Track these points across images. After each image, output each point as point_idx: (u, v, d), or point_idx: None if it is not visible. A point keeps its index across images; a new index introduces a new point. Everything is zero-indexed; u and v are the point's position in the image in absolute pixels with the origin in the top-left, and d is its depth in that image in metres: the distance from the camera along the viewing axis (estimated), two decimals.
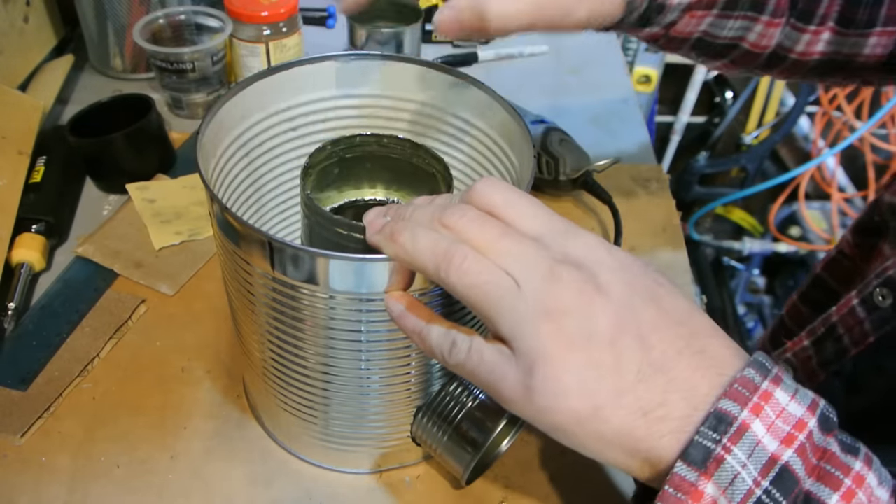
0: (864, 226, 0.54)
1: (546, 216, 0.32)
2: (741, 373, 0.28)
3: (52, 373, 0.54)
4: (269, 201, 0.53)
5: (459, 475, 0.46)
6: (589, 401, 0.28)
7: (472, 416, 0.45)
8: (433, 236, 0.31)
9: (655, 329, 0.29)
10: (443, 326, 0.33)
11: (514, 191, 0.32)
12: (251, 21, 0.77)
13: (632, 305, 0.29)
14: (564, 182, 0.69)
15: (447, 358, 0.32)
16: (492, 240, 0.30)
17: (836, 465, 0.28)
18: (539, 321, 0.29)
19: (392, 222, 0.34)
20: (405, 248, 0.32)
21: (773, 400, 0.28)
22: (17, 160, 0.66)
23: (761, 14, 0.45)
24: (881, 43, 0.47)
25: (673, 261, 0.67)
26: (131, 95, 0.74)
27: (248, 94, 0.46)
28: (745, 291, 1.67)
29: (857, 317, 0.45)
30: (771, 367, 0.29)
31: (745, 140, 1.58)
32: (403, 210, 0.34)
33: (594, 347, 0.28)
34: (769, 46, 0.47)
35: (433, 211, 0.32)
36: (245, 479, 0.50)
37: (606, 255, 0.30)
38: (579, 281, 0.29)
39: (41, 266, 0.63)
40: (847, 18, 0.46)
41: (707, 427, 0.28)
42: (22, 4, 0.80)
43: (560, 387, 0.28)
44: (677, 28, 0.45)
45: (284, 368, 0.45)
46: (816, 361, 0.48)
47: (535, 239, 0.31)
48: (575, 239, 0.31)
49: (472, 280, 0.30)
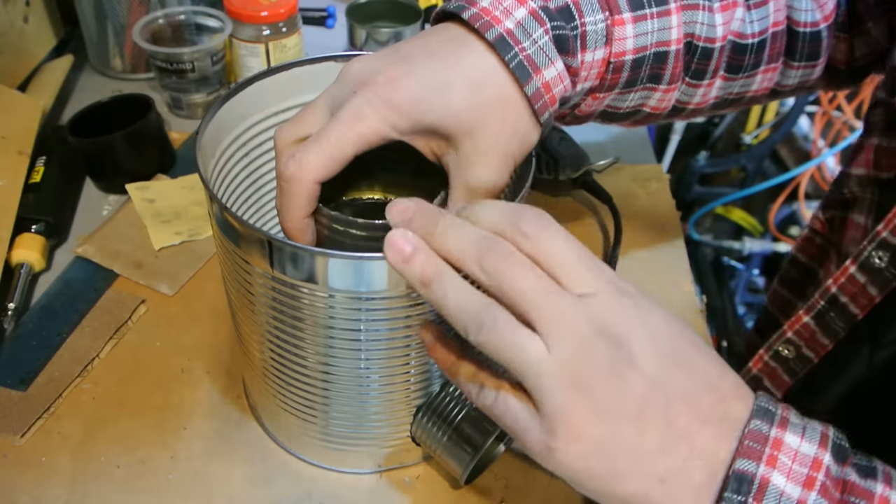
0: (834, 200, 0.55)
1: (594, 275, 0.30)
2: (748, 426, 0.29)
3: (52, 373, 0.54)
4: (268, 201, 0.53)
5: (458, 475, 0.46)
6: (608, 465, 0.29)
7: (471, 417, 0.45)
8: (466, 295, 0.30)
9: (684, 398, 0.30)
10: (471, 368, 0.33)
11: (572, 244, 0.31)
12: (251, 21, 0.77)
13: (662, 377, 0.29)
14: (564, 182, 0.69)
15: (475, 399, 0.33)
16: (532, 300, 0.29)
17: (860, 494, 0.28)
18: (567, 389, 0.29)
19: (422, 255, 0.31)
20: (434, 297, 0.31)
21: (784, 446, 0.29)
22: (17, 160, 0.66)
23: (658, 84, 0.47)
24: (767, 77, 0.51)
25: (673, 261, 0.67)
26: (131, 95, 0.74)
27: (247, 94, 0.46)
28: (745, 291, 1.66)
29: (858, 282, 0.45)
30: (775, 409, 0.30)
31: (745, 140, 1.58)
32: (431, 221, 0.32)
33: (619, 421, 0.29)
34: (668, 106, 0.49)
35: (471, 241, 0.30)
36: (245, 479, 0.50)
37: (645, 319, 0.30)
38: (613, 355, 0.29)
39: (41, 266, 0.63)
40: (735, 66, 0.49)
41: (730, 491, 0.28)
42: (22, 4, 0.80)
43: (580, 452, 0.29)
44: (581, 109, 0.47)
45: (284, 368, 0.45)
46: (823, 333, 0.49)
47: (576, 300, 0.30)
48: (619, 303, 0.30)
49: (500, 344, 0.29)
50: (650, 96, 0.48)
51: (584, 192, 0.70)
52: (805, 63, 0.51)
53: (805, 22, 0.49)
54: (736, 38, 0.48)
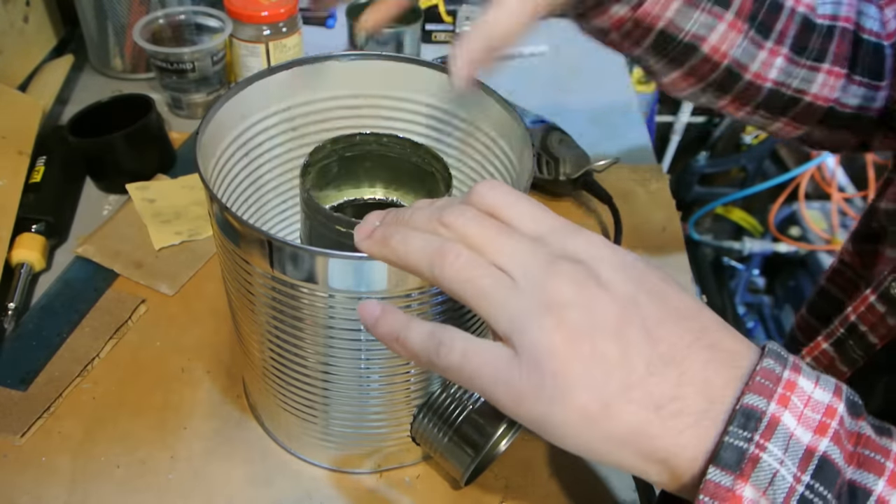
0: (863, 233, 0.54)
1: (546, 217, 0.31)
2: (761, 364, 0.27)
3: (52, 373, 0.54)
4: (268, 201, 0.53)
5: (459, 476, 0.46)
6: (598, 396, 0.27)
7: (472, 418, 0.45)
8: (426, 237, 0.31)
9: (662, 323, 0.28)
10: (423, 326, 0.31)
11: (514, 193, 0.32)
12: (251, 21, 0.77)
13: (636, 300, 0.28)
14: (564, 182, 0.69)
15: (435, 359, 0.30)
16: (490, 238, 0.30)
17: (875, 449, 0.27)
18: (540, 314, 0.27)
19: (383, 227, 0.33)
20: (396, 252, 0.31)
21: (798, 389, 0.27)
22: (17, 160, 0.66)
23: (726, 11, 0.46)
24: (829, 83, 0.49)
25: (673, 261, 0.67)
26: (131, 95, 0.74)
27: (248, 94, 0.46)
28: (745, 291, 1.67)
29: (877, 311, 0.45)
30: (787, 355, 0.28)
31: (745, 140, 1.58)
32: (402, 214, 0.33)
33: (599, 339, 0.27)
34: (727, 56, 0.47)
35: (431, 212, 0.32)
36: (245, 479, 0.50)
37: (609, 252, 0.30)
38: (580, 275, 0.28)
39: (41, 266, 0.63)
40: (800, 47, 0.48)
41: (736, 426, 0.26)
42: (22, 4, 0.80)
43: (568, 381, 0.27)
44: (645, 8, 0.45)
45: (284, 368, 0.45)
46: (841, 360, 0.48)
47: (534, 238, 0.30)
48: (575, 237, 0.30)
49: (467, 275, 0.29)
50: (714, 26, 0.46)
51: (584, 192, 0.70)
52: (867, 80, 0.49)
53: (871, 30, 0.49)
54: (808, 10, 0.47)
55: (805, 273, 1.57)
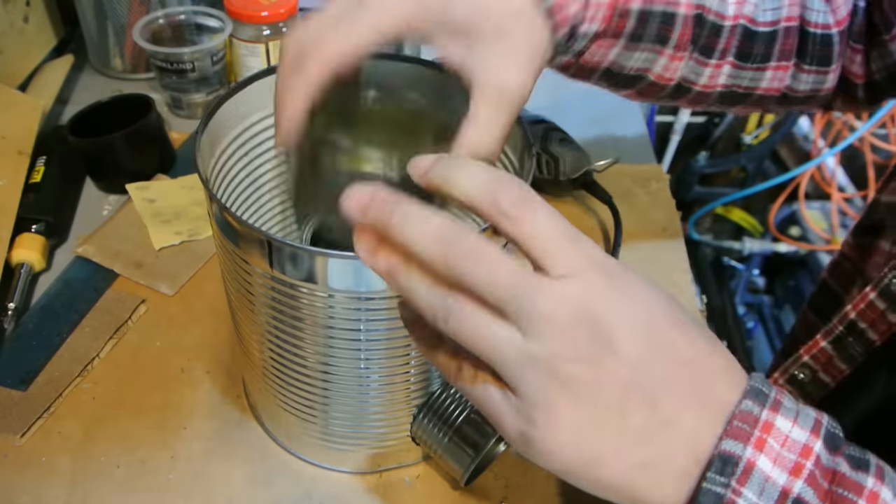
0: (863, 226, 0.55)
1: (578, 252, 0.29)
2: (739, 407, 0.28)
3: (52, 373, 0.54)
4: (268, 201, 0.53)
5: (459, 476, 0.46)
6: (588, 453, 0.28)
7: (472, 418, 0.45)
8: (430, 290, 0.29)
9: (667, 384, 0.28)
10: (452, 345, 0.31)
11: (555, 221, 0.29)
12: (251, 21, 0.77)
13: (644, 361, 0.28)
14: (564, 182, 0.69)
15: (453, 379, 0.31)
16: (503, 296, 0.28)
17: (848, 487, 0.27)
18: (545, 378, 0.28)
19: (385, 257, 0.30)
20: (400, 289, 0.30)
21: (774, 430, 0.28)
22: (17, 160, 0.66)
23: (665, 47, 0.47)
24: (777, 77, 0.51)
25: (673, 261, 0.67)
26: (131, 95, 0.74)
27: (247, 94, 0.46)
28: (745, 291, 1.67)
29: (877, 308, 0.45)
30: (768, 391, 0.29)
31: (745, 140, 1.58)
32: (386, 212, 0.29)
33: (600, 409, 0.28)
34: (673, 79, 0.49)
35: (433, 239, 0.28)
36: (245, 479, 0.50)
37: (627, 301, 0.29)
38: (592, 340, 0.28)
39: (41, 266, 0.63)
40: (744, 54, 0.49)
41: (714, 472, 0.27)
42: (22, 4, 0.80)
43: (560, 439, 0.28)
44: (586, 57, 0.47)
45: (284, 368, 0.45)
46: (840, 358, 0.48)
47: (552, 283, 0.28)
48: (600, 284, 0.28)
49: (472, 333, 0.28)
50: (656, 60, 0.48)
51: (584, 192, 0.70)
52: (816, 67, 0.50)
53: (816, 23, 0.49)
54: (748, 22, 0.48)
55: (805, 273, 1.57)
